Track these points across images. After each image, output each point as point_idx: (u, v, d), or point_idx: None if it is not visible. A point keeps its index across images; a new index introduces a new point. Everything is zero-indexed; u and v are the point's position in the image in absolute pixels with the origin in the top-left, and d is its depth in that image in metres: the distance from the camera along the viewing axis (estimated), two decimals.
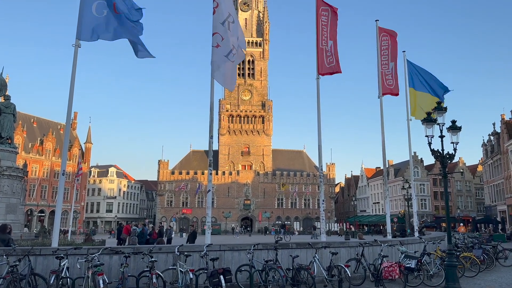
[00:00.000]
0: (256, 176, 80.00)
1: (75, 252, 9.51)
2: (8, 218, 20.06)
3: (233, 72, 12.22)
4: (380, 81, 17.09)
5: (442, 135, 11.63)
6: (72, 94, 10.78)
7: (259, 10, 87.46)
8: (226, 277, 9.17)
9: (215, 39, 11.68)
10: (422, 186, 72.57)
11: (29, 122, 67.10)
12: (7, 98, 22.39)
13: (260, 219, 77.56)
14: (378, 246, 12.55)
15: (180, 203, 78.41)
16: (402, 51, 19.36)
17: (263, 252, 10.93)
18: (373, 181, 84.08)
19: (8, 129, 21.55)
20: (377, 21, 17.68)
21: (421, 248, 13.76)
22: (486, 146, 61.68)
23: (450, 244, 11.45)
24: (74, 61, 10.85)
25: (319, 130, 14.28)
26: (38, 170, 64.47)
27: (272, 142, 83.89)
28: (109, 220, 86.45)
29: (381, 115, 17.11)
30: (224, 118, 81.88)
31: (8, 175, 20.68)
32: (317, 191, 77.83)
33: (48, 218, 63.58)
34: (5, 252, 9.04)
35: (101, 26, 10.73)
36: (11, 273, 8.35)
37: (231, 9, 12.11)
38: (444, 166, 11.61)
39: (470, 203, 73.95)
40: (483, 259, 14.59)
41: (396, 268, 10.63)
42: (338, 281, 10.37)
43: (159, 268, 9.45)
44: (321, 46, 14.38)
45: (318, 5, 14.61)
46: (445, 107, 11.85)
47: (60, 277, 8.52)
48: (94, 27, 10.68)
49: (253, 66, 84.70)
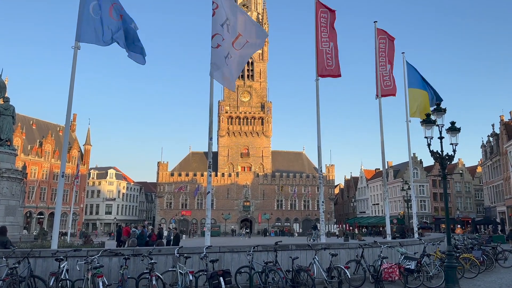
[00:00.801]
0: (255, 177, 79.99)
1: (74, 254, 9.49)
2: (7, 220, 20.02)
3: (232, 72, 12.18)
4: (378, 82, 17.12)
5: (442, 136, 11.64)
6: (71, 96, 10.77)
7: (258, 12, 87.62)
8: (226, 278, 9.16)
9: (215, 40, 11.70)
10: (422, 187, 72.61)
11: (28, 124, 67.05)
12: (6, 100, 22.36)
13: (260, 220, 77.53)
14: (377, 248, 12.56)
15: (180, 205, 78.36)
16: (401, 52, 19.44)
17: (262, 254, 10.92)
18: (373, 183, 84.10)
19: (7, 131, 21.53)
20: (376, 22, 17.71)
21: (420, 249, 13.76)
22: (485, 147, 61.74)
23: (450, 246, 11.45)
24: (73, 62, 10.85)
25: (318, 131, 14.30)
26: (37, 172, 64.40)
27: (271, 143, 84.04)
28: (108, 222, 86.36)
29: (380, 116, 17.14)
30: (224, 119, 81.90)
31: (7, 177, 20.66)
32: (316, 193, 77.79)
33: (47, 220, 63.48)
34: (5, 254, 9.02)
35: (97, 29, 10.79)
36: (11, 275, 8.32)
37: (231, 11, 12.11)
38: (444, 167, 11.62)
39: (469, 204, 73.98)
40: (483, 260, 14.59)
41: (396, 270, 10.63)
42: (338, 282, 10.37)
43: (159, 270, 9.44)
44: (321, 47, 14.39)
45: (317, 7, 14.64)
46: (444, 108, 11.88)
47: (59, 279, 8.50)
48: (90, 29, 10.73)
49: (253, 67, 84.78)
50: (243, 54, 12.30)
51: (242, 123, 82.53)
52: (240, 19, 12.26)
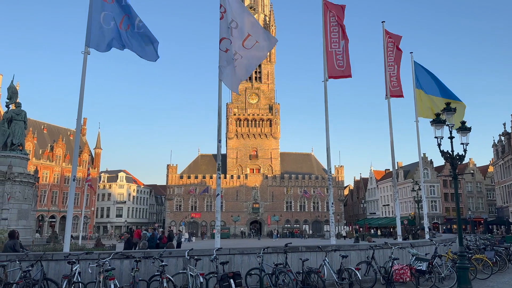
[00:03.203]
0: (264, 179, 79.98)
1: (86, 257, 9.58)
2: (20, 224, 20.30)
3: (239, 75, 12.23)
4: (387, 83, 17.05)
5: (452, 136, 11.55)
6: (81, 101, 10.92)
7: (265, 13, 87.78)
8: (236, 280, 9.18)
9: (224, 44, 11.81)
10: (432, 187, 71.94)
11: (40, 129, 67.88)
12: (18, 106, 22.70)
13: (269, 222, 77.46)
14: (388, 249, 12.48)
15: (189, 207, 78.66)
16: (410, 52, 19.28)
17: (272, 256, 10.92)
18: (382, 183, 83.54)
19: (19, 136, 21.85)
20: (383, 22, 17.65)
21: (432, 250, 13.65)
22: (496, 146, 61.00)
23: (462, 246, 11.34)
24: (83, 68, 11.00)
25: (327, 132, 14.26)
26: (48, 176, 65.14)
27: (280, 145, 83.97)
28: (119, 225, 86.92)
29: (389, 117, 17.06)
30: (232, 122, 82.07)
31: (19, 181, 20.96)
32: (326, 194, 77.53)
33: (59, 224, 64.13)
34: (18, 257, 9.15)
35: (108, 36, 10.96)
36: (24, 278, 8.45)
37: (239, 13, 12.18)
38: (454, 167, 11.53)
39: (481, 205, 73.11)
40: (496, 261, 14.40)
41: (407, 271, 10.56)
42: (348, 284, 10.33)
43: (170, 272, 9.48)
44: (330, 49, 14.35)
45: (325, 8, 14.61)
46: (454, 108, 11.78)
47: (72, 282, 8.60)
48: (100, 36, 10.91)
49: (260, 69, 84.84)
50: (253, 55, 12.33)
51: (251, 125, 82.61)
52: (248, 21, 12.34)
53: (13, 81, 23.61)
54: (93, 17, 10.85)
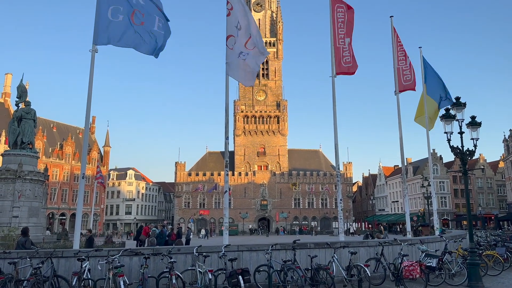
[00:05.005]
0: (272, 176, 79.94)
1: (96, 254, 9.66)
2: (31, 221, 20.53)
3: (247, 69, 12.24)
4: (396, 78, 16.89)
5: (462, 131, 11.41)
6: (90, 99, 10.95)
7: (272, 10, 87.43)
8: (245, 277, 9.19)
9: (230, 42, 11.81)
10: (442, 183, 71.36)
11: (49, 127, 68.52)
12: (28, 104, 22.92)
13: (278, 219, 77.47)
14: (398, 245, 12.39)
15: (198, 204, 78.98)
16: (418, 47, 19.07)
17: (281, 252, 10.90)
18: (391, 180, 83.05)
19: (29, 135, 22.07)
20: (392, 17, 17.46)
21: (442, 246, 13.52)
22: (507, 141, 60.27)
23: (472, 242, 11.24)
24: (91, 66, 11.02)
25: (335, 129, 14.15)
26: (58, 174, 65.81)
27: (287, 142, 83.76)
28: (128, 222, 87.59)
29: (398, 112, 16.88)
30: (239, 119, 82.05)
31: (30, 180, 21.18)
32: (334, 191, 77.29)
33: (69, 221, 64.79)
34: (29, 254, 9.25)
35: (114, 30, 10.87)
36: (35, 275, 8.54)
37: (244, 13, 12.17)
38: (464, 163, 11.40)
39: (492, 200, 72.34)
40: (507, 257, 14.26)
41: (416, 267, 10.46)
42: (357, 280, 10.27)
43: (178, 269, 9.52)
44: (338, 45, 14.24)
45: (333, 3, 14.50)
46: (464, 103, 11.63)
47: (82, 278, 8.68)
48: (108, 31, 10.84)
49: (267, 66, 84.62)
50: (255, 55, 12.32)
51: (258, 122, 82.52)
52: (252, 22, 12.38)
53: (23, 80, 23.86)
54: (101, 13, 10.82)
